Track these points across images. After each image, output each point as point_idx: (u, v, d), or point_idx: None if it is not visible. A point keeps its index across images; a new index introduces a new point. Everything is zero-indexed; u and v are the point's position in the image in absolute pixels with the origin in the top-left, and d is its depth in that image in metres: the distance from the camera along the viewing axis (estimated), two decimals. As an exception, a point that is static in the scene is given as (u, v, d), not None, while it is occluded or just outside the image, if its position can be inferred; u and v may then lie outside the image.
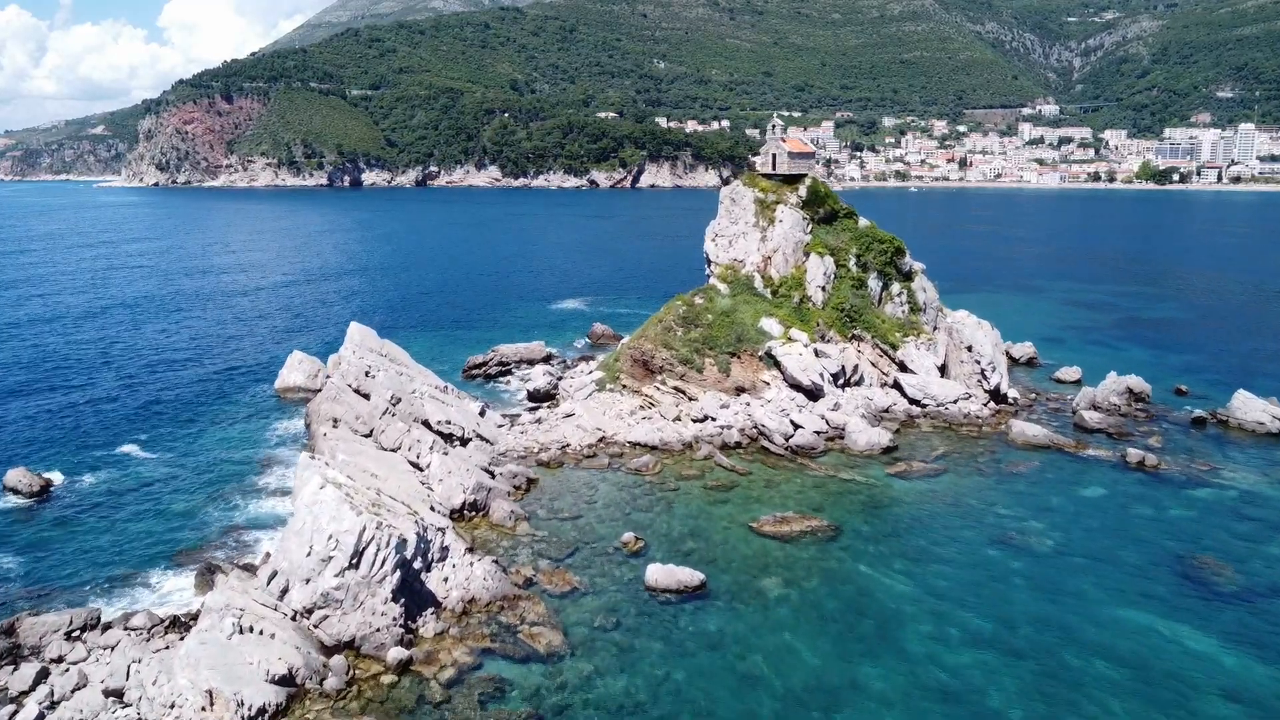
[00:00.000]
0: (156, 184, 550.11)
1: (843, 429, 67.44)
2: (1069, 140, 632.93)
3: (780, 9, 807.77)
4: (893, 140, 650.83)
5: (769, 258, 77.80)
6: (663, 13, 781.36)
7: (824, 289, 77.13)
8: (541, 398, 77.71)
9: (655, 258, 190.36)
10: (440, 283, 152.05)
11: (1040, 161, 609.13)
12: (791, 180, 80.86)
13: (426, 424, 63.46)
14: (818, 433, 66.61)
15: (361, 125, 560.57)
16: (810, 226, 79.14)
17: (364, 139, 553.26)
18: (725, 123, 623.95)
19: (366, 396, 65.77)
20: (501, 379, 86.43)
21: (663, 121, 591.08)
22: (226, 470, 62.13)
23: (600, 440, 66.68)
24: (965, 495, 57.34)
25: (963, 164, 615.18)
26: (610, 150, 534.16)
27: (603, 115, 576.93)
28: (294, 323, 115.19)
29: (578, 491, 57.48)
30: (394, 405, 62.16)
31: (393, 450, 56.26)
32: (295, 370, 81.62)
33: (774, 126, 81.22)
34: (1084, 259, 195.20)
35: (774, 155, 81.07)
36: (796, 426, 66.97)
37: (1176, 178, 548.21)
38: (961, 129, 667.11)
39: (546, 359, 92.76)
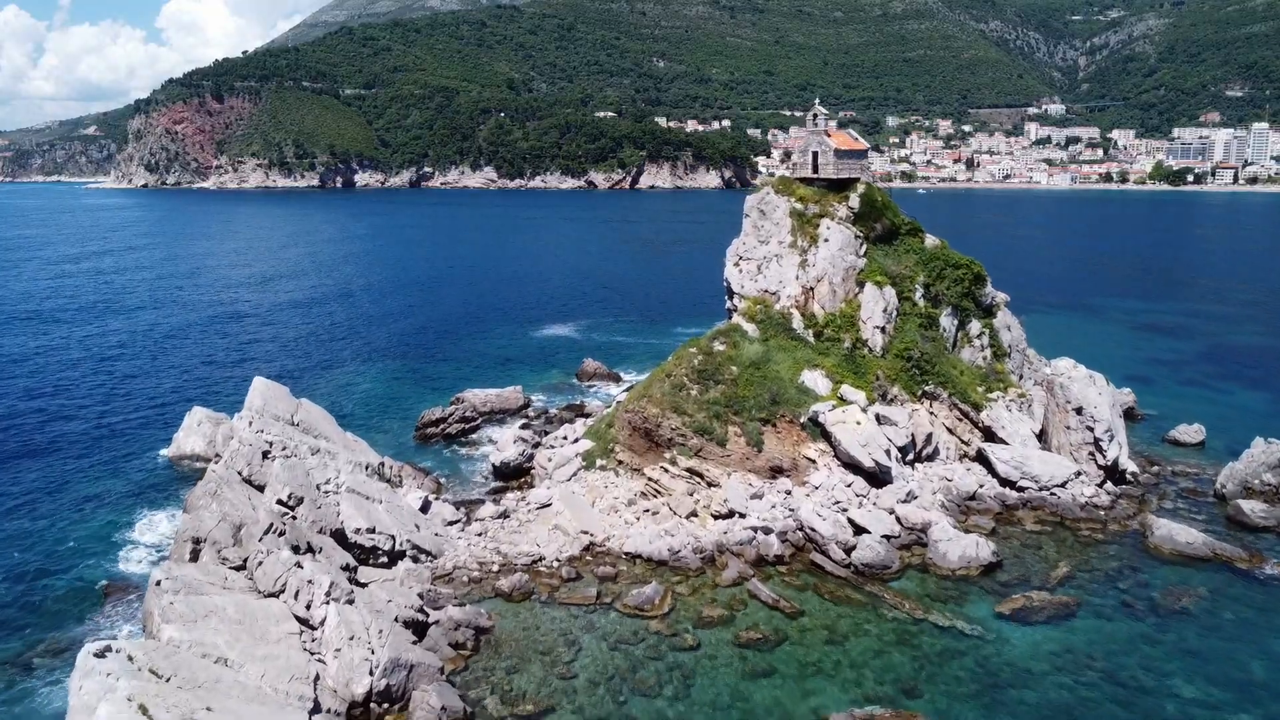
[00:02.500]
0: (145, 185, 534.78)
1: (923, 531, 48.91)
2: (1077, 140, 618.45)
3: (781, 7, 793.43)
4: (897, 140, 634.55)
5: (811, 289, 59.23)
6: (662, 10, 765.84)
7: (884, 330, 58.54)
8: (511, 474, 59.16)
9: (657, 270, 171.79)
10: (409, 303, 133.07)
11: (1049, 162, 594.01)
12: (839, 187, 62.19)
13: (340, 535, 44.89)
14: (888, 538, 48.06)
15: (355, 125, 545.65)
16: (864, 247, 60.49)
17: (357, 139, 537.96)
18: (726, 122, 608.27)
19: (263, 489, 47.30)
20: (465, 439, 67.73)
21: (662, 121, 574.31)
22: (44, 608, 43.40)
23: (587, 549, 48.11)
24: (1121, 659, 38.71)
25: (970, 164, 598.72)
26: (609, 150, 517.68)
27: (601, 115, 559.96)
28: (219, 362, 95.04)
29: (551, 652, 38.82)
30: (289, 512, 43.49)
31: (274, 595, 37.67)
32: (194, 433, 62.95)
33: (815, 116, 62.47)
34: (1129, 269, 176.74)
35: (815, 154, 62.36)
36: (858, 529, 48.44)
37: (1191, 179, 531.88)
38: (967, 128, 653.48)
39: (523, 409, 74.26)
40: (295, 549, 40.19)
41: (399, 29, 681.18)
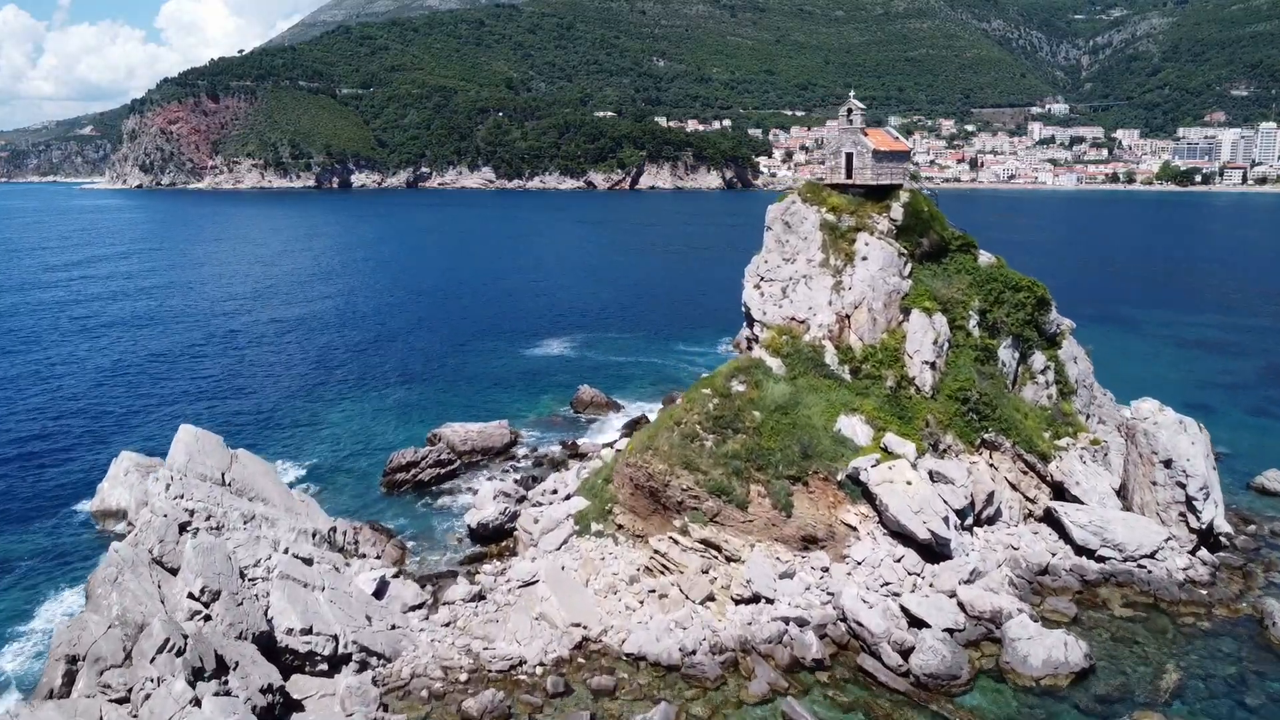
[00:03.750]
0: (140, 186, 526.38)
1: (992, 622, 39.71)
2: (1081, 140, 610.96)
3: (782, 6, 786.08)
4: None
5: (847, 316, 50.02)
6: (662, 9, 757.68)
7: (934, 365, 49.31)
8: (491, 535, 49.95)
9: (658, 275, 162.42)
10: (393, 317, 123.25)
11: (1054, 162, 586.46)
12: (877, 194, 53.01)
13: (268, 638, 35.64)
14: (951, 632, 38.86)
15: (351, 125, 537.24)
16: (909, 266, 51.28)
17: (354, 139, 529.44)
18: (727, 122, 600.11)
19: (177, 572, 38.10)
20: (439, 488, 58.41)
21: (662, 121, 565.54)
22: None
23: (579, 647, 38.90)
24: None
25: (974, 164, 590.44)
26: (608, 150, 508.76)
27: (600, 114, 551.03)
28: (171, 391, 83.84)
29: (528, 814, 29.69)
30: (203, 610, 34.21)
31: (161, 742, 28.59)
32: (120, 484, 53.57)
33: (849, 112, 53.24)
34: (1154, 274, 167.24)
35: (848, 155, 53.13)
36: (915, 621, 39.25)
37: (1199, 179, 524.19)
38: (970, 128, 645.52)
39: (509, 447, 65.06)
40: (198, 672, 30.92)
41: (396, 28, 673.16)
